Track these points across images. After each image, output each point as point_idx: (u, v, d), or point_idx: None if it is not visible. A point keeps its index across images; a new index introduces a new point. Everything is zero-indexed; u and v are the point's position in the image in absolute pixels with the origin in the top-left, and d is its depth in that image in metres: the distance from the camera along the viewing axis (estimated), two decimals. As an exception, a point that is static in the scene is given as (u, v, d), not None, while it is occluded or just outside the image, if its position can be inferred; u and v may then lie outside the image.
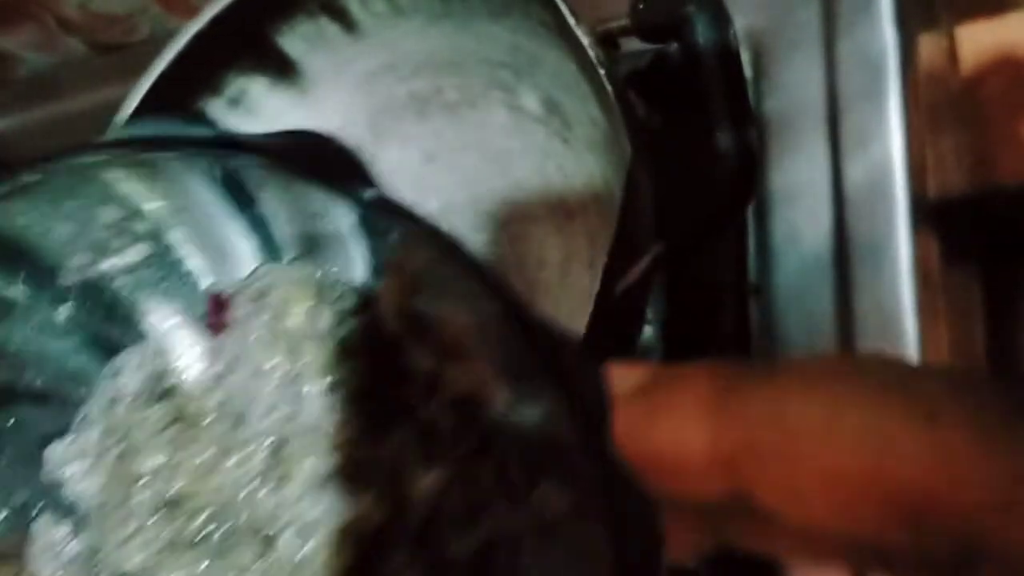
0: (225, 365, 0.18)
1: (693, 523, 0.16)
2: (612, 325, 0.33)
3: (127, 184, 0.19)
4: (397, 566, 0.16)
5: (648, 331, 0.41)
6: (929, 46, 0.50)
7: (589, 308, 0.31)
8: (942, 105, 0.51)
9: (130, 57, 0.66)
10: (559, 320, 0.14)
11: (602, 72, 0.35)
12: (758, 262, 0.45)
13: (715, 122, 0.37)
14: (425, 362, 0.17)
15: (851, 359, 0.22)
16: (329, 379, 0.16)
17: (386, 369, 0.17)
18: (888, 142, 0.43)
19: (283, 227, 0.19)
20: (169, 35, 0.43)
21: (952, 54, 0.58)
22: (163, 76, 0.42)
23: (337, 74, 0.47)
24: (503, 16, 0.42)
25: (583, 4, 0.36)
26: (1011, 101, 0.60)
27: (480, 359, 0.16)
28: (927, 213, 0.44)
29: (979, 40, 0.60)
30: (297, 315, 0.17)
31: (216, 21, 0.42)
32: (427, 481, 0.16)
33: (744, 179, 0.37)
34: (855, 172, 0.44)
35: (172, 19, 0.66)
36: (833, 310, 0.43)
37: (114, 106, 0.43)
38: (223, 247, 0.20)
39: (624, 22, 0.40)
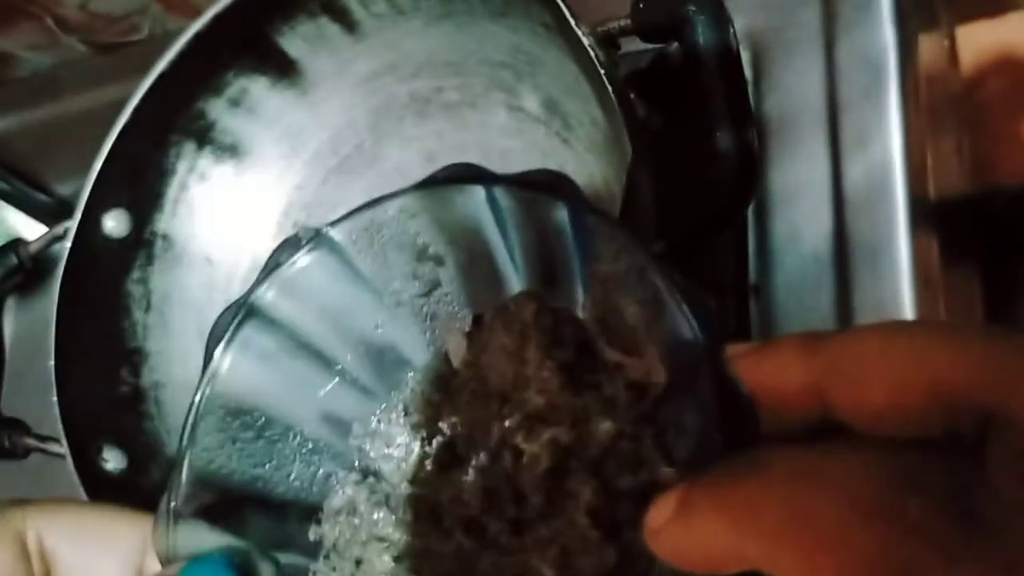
0: (478, 351, 0.27)
1: None
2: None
3: (419, 220, 0.27)
4: (578, 481, 0.23)
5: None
6: (929, 46, 0.50)
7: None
8: (942, 105, 0.51)
9: (130, 57, 0.66)
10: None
11: (603, 72, 0.35)
12: (758, 262, 0.45)
13: (715, 122, 0.37)
14: (611, 356, 0.24)
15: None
16: (545, 358, 0.24)
17: (585, 356, 0.24)
18: (888, 142, 0.43)
19: (524, 249, 0.27)
20: (169, 35, 0.43)
21: (952, 54, 0.58)
22: (163, 76, 0.42)
23: (338, 74, 0.47)
24: (503, 16, 0.42)
25: (583, 4, 0.36)
26: (1011, 101, 0.60)
27: (649, 353, 0.23)
28: (927, 213, 0.44)
29: (979, 40, 0.60)
30: (529, 312, 0.25)
31: (217, 21, 0.42)
32: (604, 428, 0.23)
33: (744, 179, 0.37)
34: (855, 172, 0.44)
35: (172, 19, 0.66)
36: (833, 310, 0.43)
37: (114, 106, 0.43)
38: (484, 269, 0.28)
39: (624, 22, 0.40)
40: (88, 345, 0.44)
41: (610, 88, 0.35)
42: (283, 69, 0.46)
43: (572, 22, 0.35)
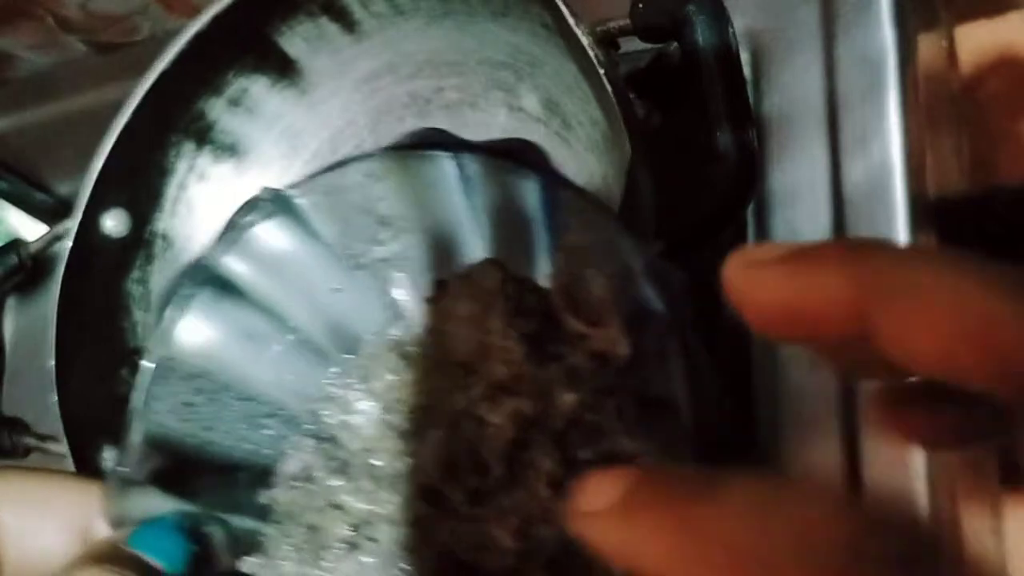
0: (440, 318, 0.25)
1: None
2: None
3: (383, 184, 0.26)
4: (540, 451, 0.23)
5: (648, 331, 0.41)
6: (929, 46, 0.50)
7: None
8: (942, 105, 0.51)
9: (130, 57, 0.66)
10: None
11: (602, 72, 0.35)
12: (758, 262, 0.45)
13: (715, 122, 0.37)
14: (575, 326, 0.23)
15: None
16: (509, 328, 0.23)
17: (549, 326, 0.24)
18: (888, 142, 0.43)
19: (490, 217, 0.26)
20: (169, 35, 0.43)
21: (952, 54, 0.58)
22: (164, 75, 0.42)
23: (338, 74, 0.47)
24: (503, 16, 0.42)
25: (583, 4, 0.36)
26: (1011, 101, 0.60)
27: (613, 324, 0.23)
28: (927, 213, 0.44)
29: (979, 40, 0.60)
30: (493, 280, 0.24)
31: (217, 21, 0.42)
32: (567, 399, 0.22)
33: (744, 179, 0.37)
34: (855, 172, 0.44)
35: (172, 19, 0.66)
36: (833, 310, 0.43)
37: (114, 106, 0.43)
38: (447, 235, 0.27)
39: (624, 22, 0.40)
40: (88, 345, 0.44)
41: (610, 88, 0.35)
42: (283, 69, 0.46)
43: (572, 22, 0.35)
